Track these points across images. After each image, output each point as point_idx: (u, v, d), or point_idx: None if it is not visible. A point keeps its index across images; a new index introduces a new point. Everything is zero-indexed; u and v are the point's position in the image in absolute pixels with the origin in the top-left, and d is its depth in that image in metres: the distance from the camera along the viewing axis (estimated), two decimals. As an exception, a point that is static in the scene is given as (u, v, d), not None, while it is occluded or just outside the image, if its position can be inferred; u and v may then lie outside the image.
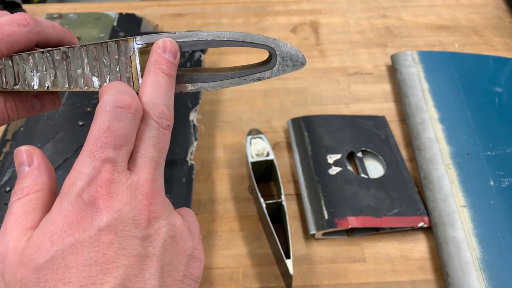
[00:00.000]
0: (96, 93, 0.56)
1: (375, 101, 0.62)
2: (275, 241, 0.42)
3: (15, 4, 0.76)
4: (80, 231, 0.19)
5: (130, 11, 0.70)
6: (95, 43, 0.25)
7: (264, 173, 0.50)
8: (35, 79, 0.26)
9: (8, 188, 0.46)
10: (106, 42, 0.25)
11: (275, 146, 0.56)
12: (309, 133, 0.55)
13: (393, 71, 0.64)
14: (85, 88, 0.26)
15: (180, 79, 0.26)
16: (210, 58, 0.67)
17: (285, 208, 0.45)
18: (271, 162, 0.49)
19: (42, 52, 0.26)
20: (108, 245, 0.19)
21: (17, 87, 0.26)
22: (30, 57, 0.26)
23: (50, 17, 0.68)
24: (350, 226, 0.45)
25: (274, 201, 0.45)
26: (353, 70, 0.66)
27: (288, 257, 0.41)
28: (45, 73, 0.26)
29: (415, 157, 0.53)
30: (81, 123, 0.53)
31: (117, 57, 0.26)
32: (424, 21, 0.75)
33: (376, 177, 0.50)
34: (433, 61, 0.63)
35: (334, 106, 0.61)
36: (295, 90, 0.63)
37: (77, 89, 0.26)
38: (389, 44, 0.71)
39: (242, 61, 0.68)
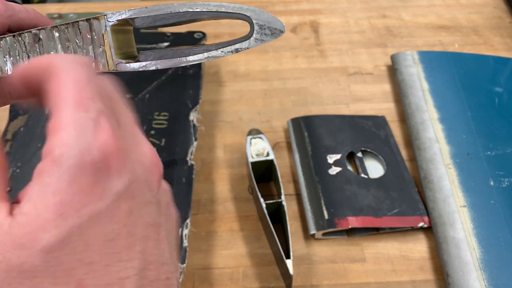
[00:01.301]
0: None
1: (375, 101, 0.62)
2: (275, 241, 0.42)
3: (15, 4, 0.76)
4: (96, 200, 0.16)
5: (130, 11, 0.70)
6: (66, 23, 0.25)
7: (264, 173, 0.50)
8: (8, 64, 0.25)
9: (8, 188, 0.46)
10: (77, 21, 0.25)
11: (275, 146, 0.56)
12: (309, 133, 0.55)
13: (393, 71, 0.64)
14: None
15: (156, 55, 0.25)
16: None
17: (285, 208, 0.45)
18: (271, 162, 0.49)
19: (13, 36, 0.25)
20: (128, 214, 0.16)
21: None
22: (1, 42, 0.25)
23: (50, 17, 0.68)
24: (350, 226, 0.45)
25: (274, 201, 0.45)
26: (353, 70, 0.66)
27: (288, 257, 0.41)
28: (17, 57, 0.25)
29: (415, 157, 0.53)
30: (81, 123, 0.53)
31: (89, 36, 0.25)
32: (424, 21, 0.75)
33: (376, 177, 0.50)
34: (433, 61, 0.63)
35: (334, 106, 0.61)
36: (295, 90, 0.63)
37: None
38: (389, 44, 0.71)
39: (242, 61, 0.68)
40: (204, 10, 0.24)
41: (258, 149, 0.49)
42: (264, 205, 0.44)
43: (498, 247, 0.43)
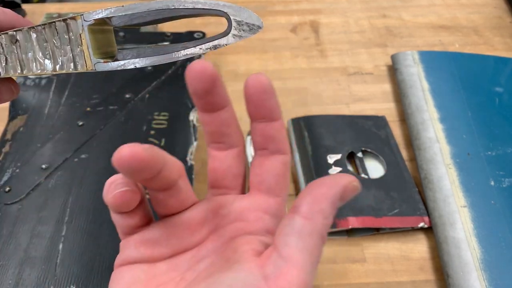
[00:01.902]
0: (96, 92, 0.56)
1: (375, 101, 0.62)
2: (275, 241, 0.42)
3: (15, 4, 0.76)
4: None
5: (130, 11, 0.70)
6: (43, 24, 0.24)
7: (264, 173, 0.50)
8: None
9: (8, 188, 0.46)
10: (54, 22, 0.24)
11: (275, 146, 0.56)
12: (309, 133, 0.54)
13: (393, 71, 0.64)
14: (38, 71, 0.25)
15: (134, 54, 0.25)
16: (211, 59, 0.67)
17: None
18: (271, 162, 0.49)
19: None
20: None
21: None
22: None
23: (50, 17, 0.68)
24: (350, 226, 0.45)
25: (274, 201, 0.45)
26: (353, 70, 0.66)
27: (288, 257, 0.41)
28: None
29: (415, 157, 0.53)
30: (80, 123, 0.53)
31: (66, 36, 0.25)
32: (424, 21, 0.75)
33: (376, 177, 0.50)
34: (433, 61, 0.63)
35: (334, 106, 0.61)
36: (295, 90, 0.63)
37: (30, 73, 0.26)
38: (389, 44, 0.71)
39: (242, 61, 0.68)
40: (181, 7, 0.23)
41: (258, 149, 0.49)
42: (264, 205, 0.44)
43: (498, 247, 0.43)
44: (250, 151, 0.49)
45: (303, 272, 0.19)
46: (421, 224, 0.46)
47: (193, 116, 0.53)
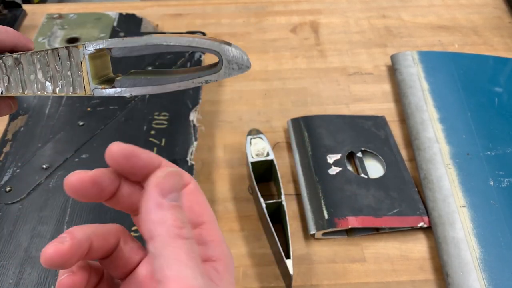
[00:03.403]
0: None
1: (375, 101, 0.62)
2: (275, 241, 0.42)
3: (15, 4, 0.76)
4: None
5: (130, 11, 0.70)
6: (46, 50, 0.26)
7: (264, 173, 0.50)
8: None
9: (8, 188, 0.46)
10: (57, 48, 0.26)
11: (275, 146, 0.56)
12: (309, 133, 0.55)
13: (393, 71, 0.64)
14: (39, 92, 0.27)
15: (131, 83, 0.26)
16: (211, 58, 0.68)
17: (285, 208, 0.45)
18: (271, 162, 0.49)
19: None
20: None
21: None
22: None
23: (50, 17, 0.69)
24: (350, 226, 0.45)
25: (274, 201, 0.45)
26: (353, 70, 0.66)
27: (288, 257, 0.41)
28: None
29: (414, 157, 0.53)
30: (81, 123, 0.53)
31: (68, 62, 0.26)
32: (424, 21, 0.75)
33: (376, 177, 0.50)
34: (433, 61, 0.63)
35: (334, 106, 0.61)
36: (295, 90, 0.63)
37: (31, 93, 0.27)
38: (389, 44, 0.71)
39: (242, 61, 0.68)
40: (177, 44, 0.25)
41: (258, 149, 0.49)
42: (264, 205, 0.44)
43: (498, 247, 0.43)
44: (250, 151, 0.49)
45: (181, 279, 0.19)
46: (420, 224, 0.47)
47: (193, 116, 0.53)
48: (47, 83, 0.27)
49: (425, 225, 0.47)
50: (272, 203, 0.45)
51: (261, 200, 0.45)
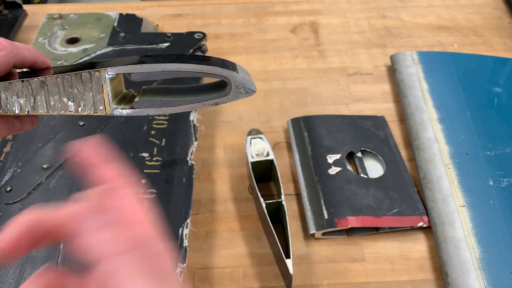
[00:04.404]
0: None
1: (374, 101, 0.62)
2: (275, 241, 0.42)
3: (16, 5, 0.76)
4: None
5: (131, 12, 0.71)
6: (69, 73, 0.28)
7: (264, 173, 0.50)
8: (16, 104, 0.29)
9: (8, 188, 0.46)
10: (81, 72, 0.28)
11: (275, 146, 0.56)
12: (309, 133, 0.55)
13: (393, 72, 0.64)
14: (62, 112, 0.29)
15: (147, 104, 0.29)
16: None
17: (285, 208, 0.45)
18: (271, 162, 0.49)
19: (22, 81, 0.28)
20: None
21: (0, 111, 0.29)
22: (11, 86, 0.28)
23: (51, 17, 0.69)
24: (349, 226, 0.45)
25: (274, 201, 0.45)
26: (352, 71, 0.66)
27: (288, 256, 0.41)
28: (25, 99, 0.29)
29: (414, 157, 0.53)
30: (81, 123, 0.53)
31: (90, 85, 0.28)
32: (424, 21, 0.75)
33: (376, 177, 0.51)
34: (433, 61, 0.63)
35: (334, 106, 0.61)
36: (295, 90, 0.63)
37: (55, 113, 0.29)
38: (388, 44, 0.71)
39: (242, 61, 0.68)
40: (191, 70, 0.28)
41: (258, 149, 0.49)
42: (264, 205, 0.44)
43: (497, 247, 0.43)
44: (250, 151, 0.49)
45: None
46: (420, 224, 0.47)
47: (193, 117, 0.54)
48: (70, 103, 0.29)
49: (425, 225, 0.47)
50: (272, 203, 0.45)
51: (261, 200, 0.45)
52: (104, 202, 0.23)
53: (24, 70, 0.30)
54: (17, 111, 0.29)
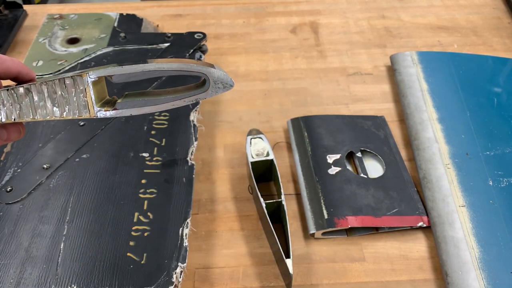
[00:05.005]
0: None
1: (374, 101, 0.62)
2: (275, 241, 0.42)
3: (16, 5, 0.76)
4: None
5: (131, 12, 0.71)
6: (53, 79, 0.29)
7: (264, 173, 0.50)
8: (2, 112, 0.30)
9: (9, 188, 0.46)
10: (64, 78, 0.29)
11: (275, 146, 0.56)
12: (309, 133, 0.55)
13: (393, 72, 0.65)
14: (47, 117, 0.30)
15: (130, 105, 0.30)
16: (211, 59, 0.68)
17: (285, 208, 0.45)
18: (271, 162, 0.49)
19: (7, 90, 0.29)
20: None
21: None
22: None
23: (51, 17, 0.69)
24: (349, 226, 0.46)
25: (274, 200, 0.45)
26: (352, 71, 0.66)
27: (288, 256, 0.41)
28: (11, 107, 0.30)
29: (414, 157, 0.53)
30: (82, 123, 0.53)
31: (73, 89, 0.29)
32: (423, 21, 0.75)
33: (376, 177, 0.51)
34: (432, 61, 0.63)
35: (334, 106, 0.61)
36: (295, 90, 0.63)
37: (41, 119, 0.30)
38: (388, 44, 0.71)
39: (242, 61, 0.68)
40: (170, 69, 0.29)
41: (258, 149, 0.49)
42: (264, 205, 0.44)
43: (497, 247, 0.43)
44: (250, 151, 0.49)
45: None
46: (420, 224, 0.47)
47: (193, 116, 0.54)
48: (55, 109, 0.30)
49: (425, 225, 0.47)
50: (272, 203, 0.45)
51: (261, 200, 0.45)
52: None
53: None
54: (3, 119, 0.30)
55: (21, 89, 0.30)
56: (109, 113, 0.30)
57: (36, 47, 0.63)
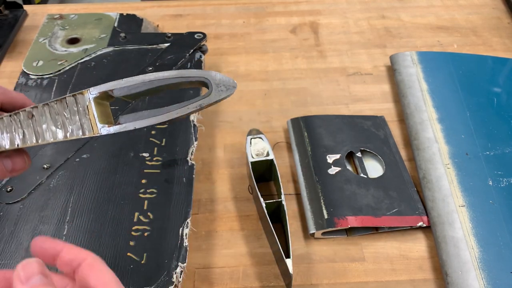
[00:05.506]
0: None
1: (374, 101, 0.62)
2: (275, 241, 0.42)
3: (16, 5, 0.76)
4: None
5: (131, 12, 0.71)
6: (55, 100, 0.28)
7: (264, 173, 0.50)
8: (5, 139, 0.29)
9: (9, 188, 0.46)
10: (65, 97, 0.28)
11: (275, 146, 0.56)
12: (309, 133, 0.55)
13: (392, 72, 0.65)
14: (51, 140, 0.29)
15: (133, 117, 0.29)
16: (211, 59, 0.68)
17: (285, 208, 0.45)
18: (271, 162, 0.49)
19: (10, 116, 0.29)
20: None
21: None
22: None
23: (51, 17, 0.69)
24: (349, 226, 0.46)
25: (274, 200, 0.45)
26: (352, 71, 0.66)
27: (288, 256, 0.41)
28: (14, 133, 0.29)
29: (414, 157, 0.53)
30: (82, 123, 0.53)
31: (75, 108, 0.28)
32: (423, 21, 0.75)
33: (375, 176, 0.51)
34: (432, 61, 0.63)
35: (334, 106, 0.61)
36: (295, 90, 0.63)
37: (45, 142, 0.29)
38: (388, 44, 0.71)
39: (242, 61, 0.68)
40: (170, 77, 0.28)
41: (258, 149, 0.49)
42: (264, 205, 0.44)
43: (497, 247, 0.43)
44: (250, 151, 0.49)
45: None
46: (420, 224, 0.47)
47: (193, 117, 0.54)
48: (58, 131, 0.29)
49: (424, 225, 0.47)
50: (272, 203, 0.45)
51: (261, 199, 0.45)
52: (33, 270, 0.25)
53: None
54: (7, 146, 0.29)
55: (23, 114, 0.29)
56: (113, 129, 0.29)
57: (36, 47, 0.63)
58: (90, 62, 0.61)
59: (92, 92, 0.28)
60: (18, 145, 0.29)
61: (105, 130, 0.29)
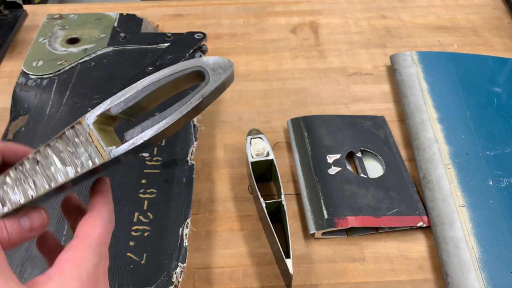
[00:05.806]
0: (97, 93, 0.56)
1: (374, 101, 0.62)
2: (275, 241, 0.42)
3: (16, 5, 0.76)
4: None
5: (131, 12, 0.71)
6: (55, 138, 0.27)
7: (264, 173, 0.50)
8: (18, 194, 0.27)
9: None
10: (64, 132, 0.27)
11: (275, 146, 0.56)
12: (309, 133, 0.55)
13: (393, 72, 0.65)
14: (64, 179, 0.27)
15: (139, 130, 0.28)
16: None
17: (285, 208, 0.45)
18: (271, 162, 0.49)
19: (15, 169, 0.27)
20: None
21: (5, 209, 0.27)
22: (6, 178, 0.27)
23: (51, 17, 0.69)
24: (349, 226, 0.46)
25: (274, 200, 0.45)
26: (352, 71, 0.66)
27: (288, 256, 0.41)
28: (24, 185, 0.27)
29: (414, 157, 0.53)
30: (81, 123, 0.53)
31: (77, 140, 0.27)
32: (423, 21, 0.75)
33: (376, 177, 0.51)
34: (432, 61, 0.63)
35: (334, 106, 0.61)
36: (295, 90, 0.63)
37: (58, 184, 0.27)
38: (388, 44, 0.71)
39: (242, 61, 0.68)
40: (163, 76, 0.27)
41: (258, 149, 0.49)
42: (264, 205, 0.44)
43: (497, 247, 0.43)
44: (250, 151, 0.49)
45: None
46: (420, 224, 0.47)
47: (193, 116, 0.54)
48: (68, 168, 0.27)
49: (425, 225, 0.47)
50: (272, 203, 0.45)
51: (261, 199, 0.45)
52: None
53: None
54: (22, 201, 0.27)
55: (28, 162, 0.27)
56: (121, 148, 0.27)
57: (36, 47, 0.63)
58: (90, 62, 0.60)
59: (90, 118, 0.27)
60: (32, 196, 0.27)
61: (113, 152, 0.27)
